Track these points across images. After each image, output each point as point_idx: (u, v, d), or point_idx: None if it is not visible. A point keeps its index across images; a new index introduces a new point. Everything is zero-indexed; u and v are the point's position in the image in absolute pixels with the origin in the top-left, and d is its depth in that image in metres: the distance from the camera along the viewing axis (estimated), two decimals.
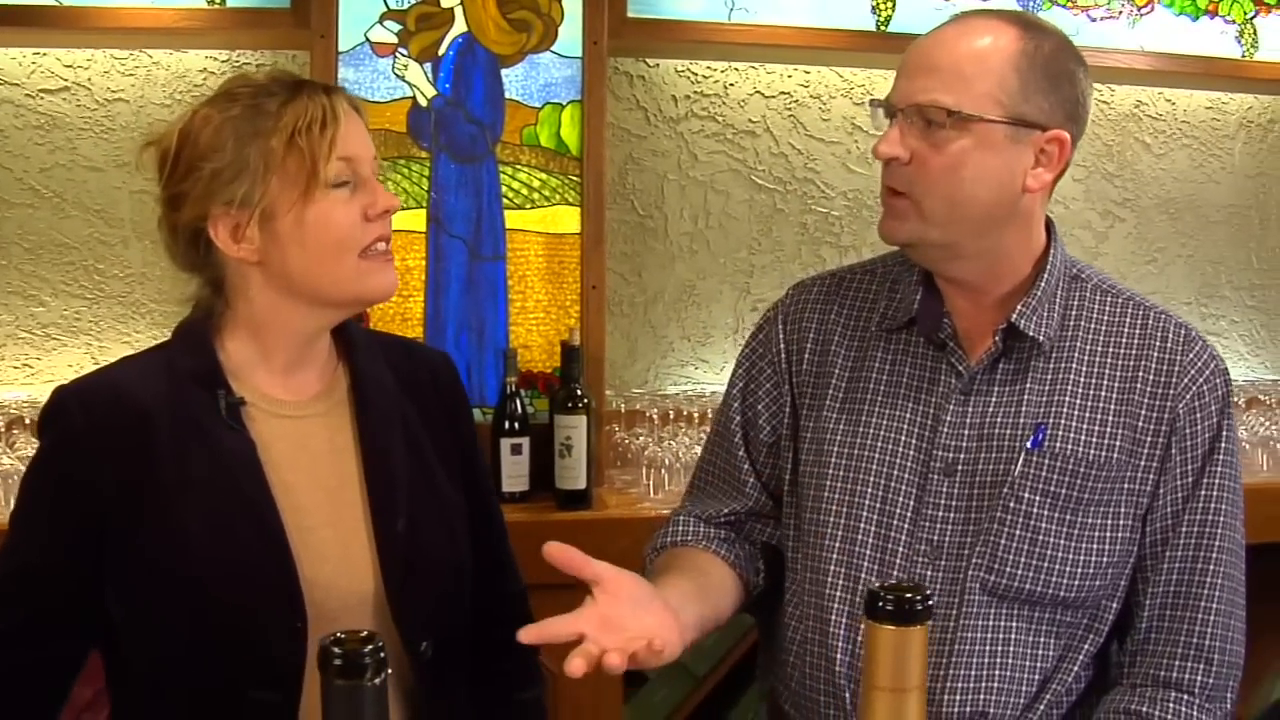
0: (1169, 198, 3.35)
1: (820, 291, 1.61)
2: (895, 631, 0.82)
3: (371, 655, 0.73)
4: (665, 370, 3.11)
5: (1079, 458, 1.42)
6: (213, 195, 1.34)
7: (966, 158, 1.37)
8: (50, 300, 2.81)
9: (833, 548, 1.48)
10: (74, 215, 2.80)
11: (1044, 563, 1.41)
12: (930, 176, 1.38)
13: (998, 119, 1.36)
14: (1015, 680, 1.43)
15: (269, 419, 1.40)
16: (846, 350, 1.55)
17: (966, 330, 1.48)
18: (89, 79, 2.78)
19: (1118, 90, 3.26)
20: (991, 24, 1.40)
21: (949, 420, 1.46)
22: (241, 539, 1.33)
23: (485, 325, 2.66)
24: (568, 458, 2.50)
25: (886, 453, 1.48)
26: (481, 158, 2.63)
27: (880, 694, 0.82)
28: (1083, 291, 1.50)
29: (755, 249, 3.12)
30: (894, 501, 1.46)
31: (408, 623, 1.40)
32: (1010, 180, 1.40)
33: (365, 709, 0.73)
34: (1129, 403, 1.44)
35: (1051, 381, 1.45)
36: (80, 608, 1.36)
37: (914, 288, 1.51)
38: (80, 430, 1.34)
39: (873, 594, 0.83)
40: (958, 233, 1.42)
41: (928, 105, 1.37)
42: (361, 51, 2.56)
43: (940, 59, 1.38)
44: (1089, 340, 1.47)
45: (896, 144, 1.39)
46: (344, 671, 0.72)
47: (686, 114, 3.05)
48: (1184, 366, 1.45)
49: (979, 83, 1.36)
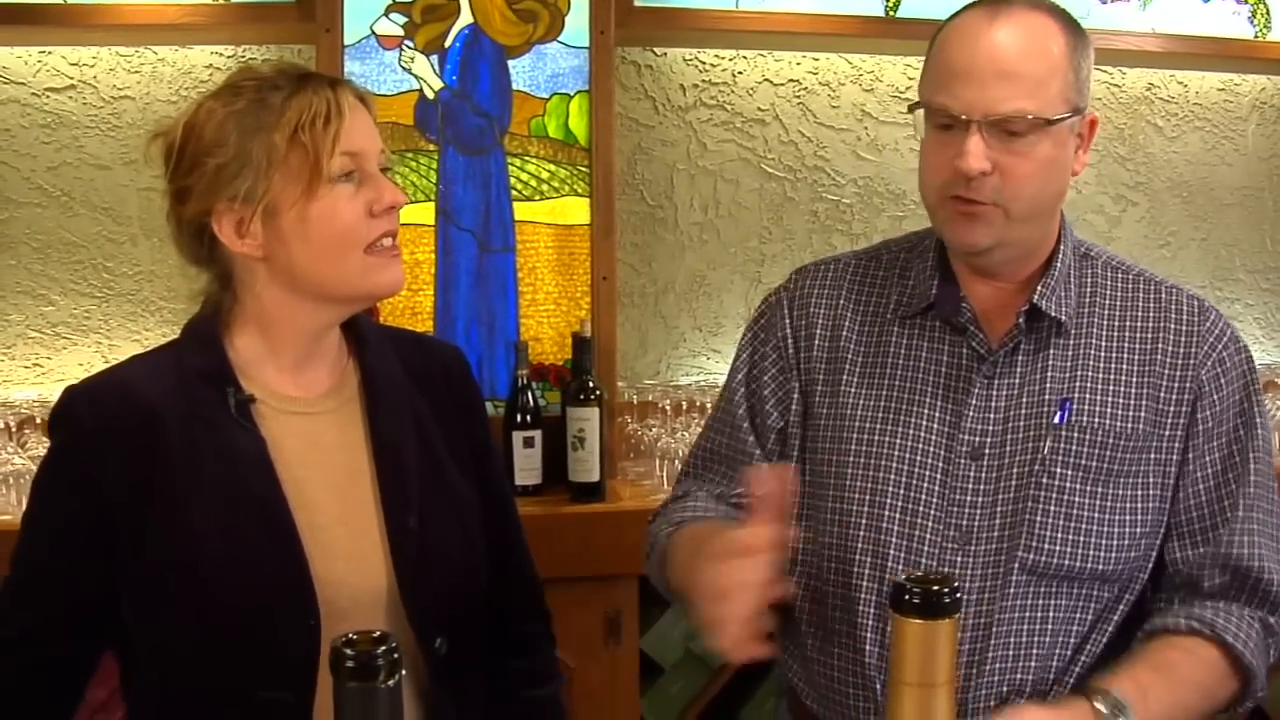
0: (1182, 181, 3.33)
1: (826, 277, 1.59)
2: (923, 625, 0.80)
3: (385, 656, 0.71)
4: (677, 361, 3.09)
5: (1106, 429, 1.43)
6: (217, 190, 1.32)
7: (1048, 159, 1.37)
8: (60, 299, 2.81)
9: (857, 536, 1.47)
10: (82, 213, 2.79)
11: (1080, 536, 1.42)
12: (1019, 183, 1.37)
13: (1067, 115, 1.37)
14: (1052, 655, 1.43)
15: (279, 416, 1.38)
16: (861, 336, 1.53)
17: (985, 313, 1.48)
18: (95, 77, 2.77)
19: (1129, 73, 3.23)
20: (1038, 19, 1.38)
21: (974, 404, 1.45)
22: (252, 537, 1.31)
23: (496, 318, 2.64)
24: (580, 450, 2.49)
25: (909, 439, 1.46)
26: (489, 149, 2.61)
27: (909, 689, 0.80)
28: (1094, 269, 1.51)
29: (766, 238, 3.11)
30: (919, 488, 1.45)
31: (421, 619, 1.39)
32: (1067, 168, 1.42)
33: (379, 712, 0.71)
34: (1150, 374, 1.46)
35: (1073, 358, 1.46)
36: (93, 608, 1.34)
37: (929, 273, 1.50)
38: (89, 429, 1.33)
39: (899, 586, 0.81)
40: (1032, 229, 1.44)
41: (1014, 115, 1.34)
42: (367, 44, 2.55)
43: (1014, 66, 1.35)
44: (1106, 316, 1.48)
45: (984, 157, 1.35)
46: (358, 673, 0.70)
47: (695, 103, 3.03)
48: (1202, 335, 1.47)
49: (1053, 85, 1.36)
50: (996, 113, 1.35)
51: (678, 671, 2.61)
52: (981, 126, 1.35)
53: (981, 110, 1.35)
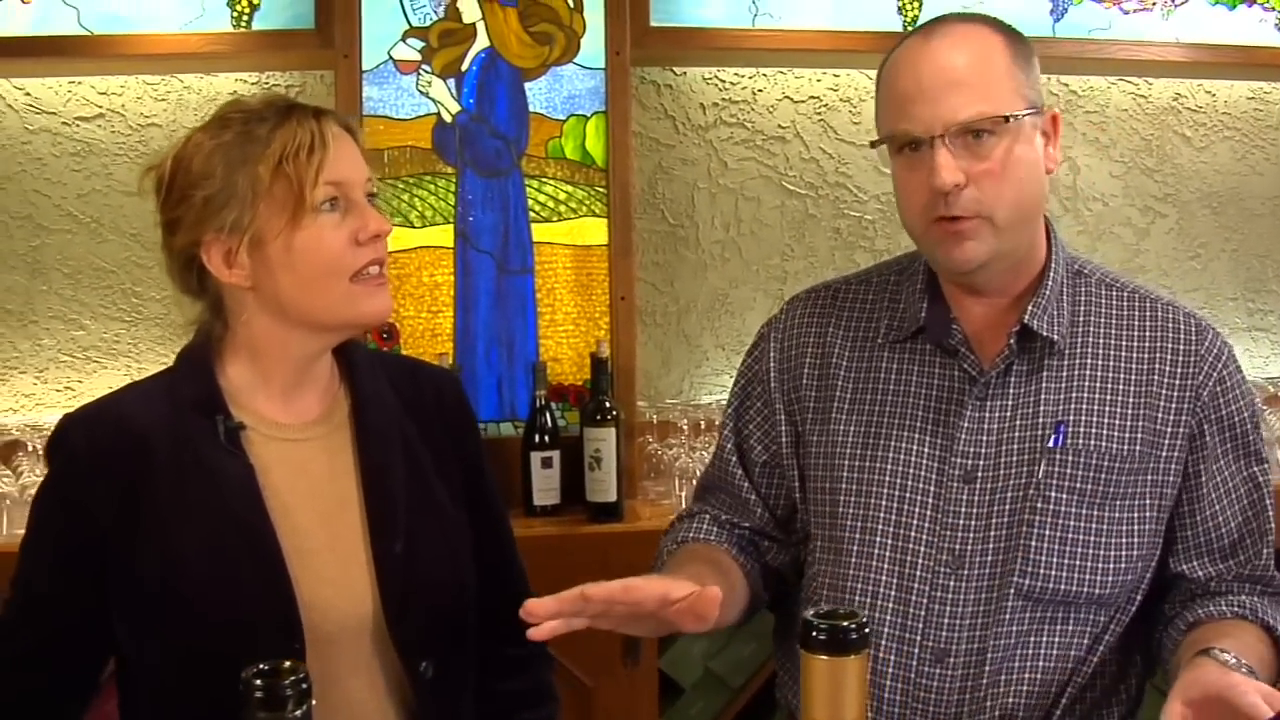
0: (1211, 191, 3.28)
1: (816, 305, 1.59)
2: (830, 661, 0.79)
3: (293, 687, 0.72)
4: (700, 380, 3.09)
5: (1102, 452, 1.42)
6: (205, 222, 1.35)
7: (1015, 157, 1.37)
8: (90, 324, 2.86)
9: (849, 563, 1.46)
10: (111, 239, 2.84)
11: (1076, 561, 1.41)
12: (994, 187, 1.37)
13: (1026, 111, 1.38)
14: (1047, 680, 1.42)
15: (268, 442, 1.40)
16: (850, 362, 1.53)
17: (977, 334, 1.47)
18: (123, 105, 2.82)
19: (1155, 84, 3.20)
20: (973, 29, 1.41)
21: (966, 426, 1.44)
22: (238, 562, 1.33)
23: (515, 339, 2.66)
24: (597, 470, 2.50)
25: (900, 464, 1.45)
26: (507, 171, 2.63)
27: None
28: (1086, 286, 1.49)
29: (788, 255, 3.10)
30: (910, 512, 1.44)
31: (407, 643, 1.40)
32: (1040, 166, 1.42)
33: None
34: (1148, 395, 1.44)
35: (1067, 379, 1.44)
36: (88, 629, 1.37)
37: (919, 295, 1.49)
38: (82, 455, 1.36)
39: (806, 623, 0.80)
40: (1020, 236, 1.42)
41: (974, 119, 1.35)
42: (385, 69, 2.58)
43: (961, 74, 1.36)
44: (1100, 335, 1.46)
45: (955, 169, 1.35)
46: (266, 704, 0.72)
47: (715, 121, 3.04)
48: (1201, 355, 1.46)
49: (1002, 83, 1.37)
50: (956, 121, 1.35)
51: (697, 691, 2.61)
52: (945, 140, 1.35)
53: (941, 123, 1.35)
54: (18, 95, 2.79)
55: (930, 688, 1.41)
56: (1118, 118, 3.19)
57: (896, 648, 1.43)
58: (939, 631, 1.42)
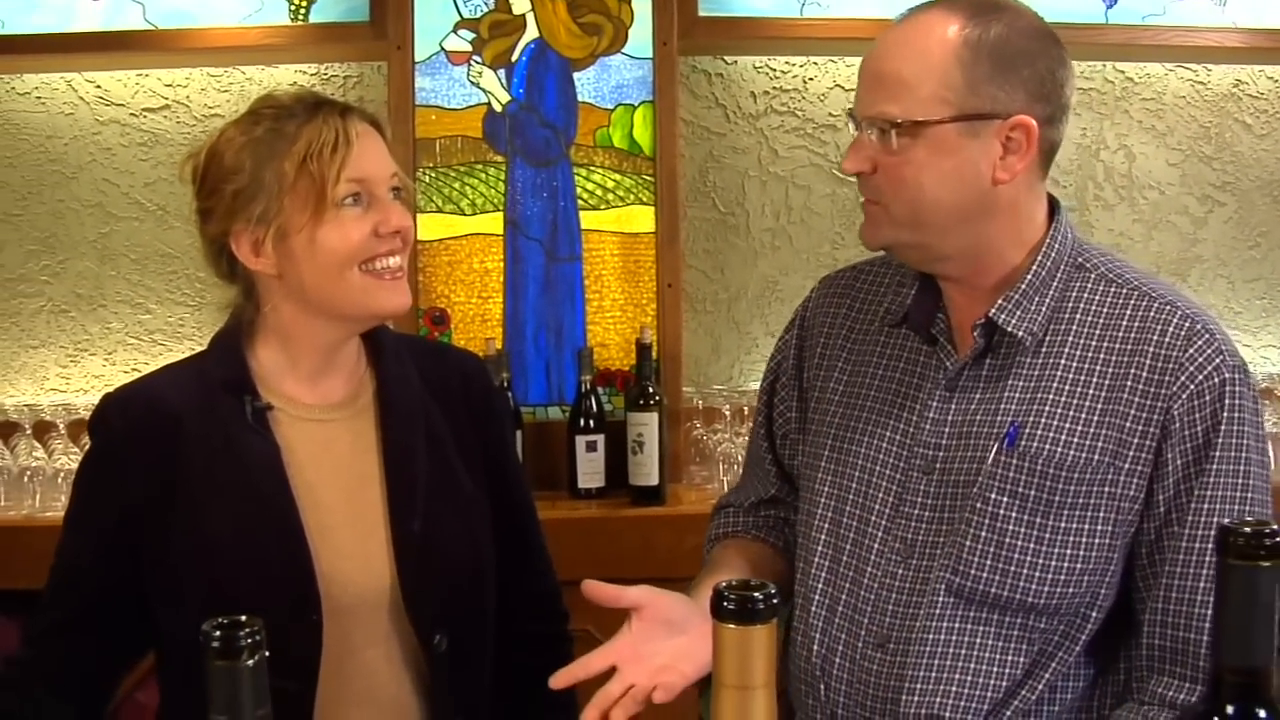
0: (1273, 179, 3.22)
1: (837, 288, 1.61)
2: (738, 630, 0.81)
3: (248, 638, 0.80)
4: (749, 366, 3.11)
5: (1057, 459, 1.35)
6: (234, 213, 1.41)
7: (922, 163, 1.33)
8: (156, 308, 2.96)
9: (819, 539, 1.49)
10: (176, 226, 2.94)
11: (1010, 566, 1.36)
12: (892, 185, 1.35)
13: (946, 119, 1.32)
14: (977, 686, 1.37)
15: (295, 423, 1.46)
16: (852, 346, 1.54)
17: (960, 324, 1.44)
18: (187, 97, 2.91)
19: (1214, 70, 3.15)
20: (933, 18, 1.35)
21: (932, 418, 1.42)
22: (262, 536, 1.40)
23: (563, 325, 2.71)
24: (640, 454, 2.54)
25: (871, 449, 1.46)
26: (556, 160, 2.68)
27: (728, 691, 0.82)
28: (1084, 281, 1.42)
29: (838, 243, 3.11)
30: (874, 497, 1.45)
31: (422, 618, 1.45)
32: (975, 176, 1.35)
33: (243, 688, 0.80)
34: (1117, 401, 1.35)
35: (1037, 379, 1.39)
36: (123, 601, 1.44)
37: (911, 281, 1.48)
38: (118, 434, 1.44)
39: (717, 593, 0.82)
40: (927, 234, 1.37)
41: (875, 118, 1.34)
42: (437, 60, 2.64)
43: (883, 68, 1.35)
44: (1082, 334, 1.39)
45: (857, 159, 1.37)
46: (222, 653, 0.79)
47: (766, 110, 3.05)
48: (1181, 364, 1.34)
49: (922, 86, 1.32)
50: (866, 115, 1.35)
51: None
52: (864, 127, 1.36)
53: (860, 112, 1.37)
54: (88, 88, 2.89)
55: (872, 670, 1.41)
56: (1175, 105, 3.15)
57: (848, 628, 1.44)
58: (883, 617, 1.41)
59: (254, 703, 0.79)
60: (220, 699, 0.79)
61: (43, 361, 2.96)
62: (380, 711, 1.46)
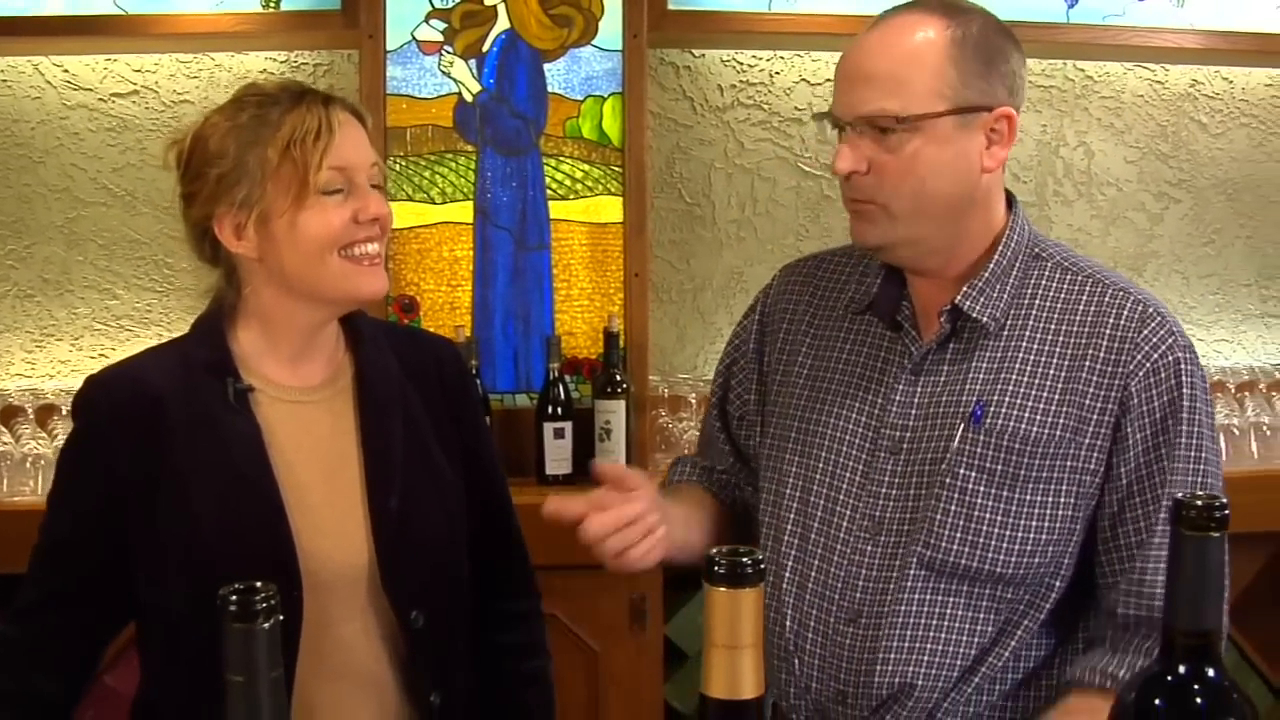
0: (1227, 178, 3.30)
1: (798, 276, 1.66)
2: (728, 593, 0.86)
3: (264, 601, 0.83)
4: (714, 356, 3.12)
5: (1021, 435, 1.42)
6: (218, 197, 1.44)
7: (922, 156, 1.39)
8: (123, 294, 2.96)
9: (788, 519, 1.54)
10: (144, 212, 2.94)
11: (979, 538, 1.42)
12: (892, 181, 1.40)
13: (944, 112, 1.39)
14: (947, 654, 1.44)
15: (275, 404, 1.50)
16: (815, 332, 1.60)
17: (924, 310, 1.51)
18: (156, 82, 2.91)
19: (1171, 70, 3.22)
20: (916, 18, 1.41)
21: (898, 400, 1.49)
22: (243, 514, 1.43)
23: (531, 313, 2.74)
24: (607, 441, 2.57)
25: (838, 430, 1.52)
26: (526, 150, 2.70)
27: (719, 651, 0.87)
28: (1041, 269, 1.49)
29: (803, 235, 3.15)
30: (842, 478, 1.51)
31: (399, 594, 1.49)
32: (967, 167, 1.42)
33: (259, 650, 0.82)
34: (1076, 380, 1.42)
35: (999, 360, 1.46)
36: (108, 577, 1.47)
37: (876, 270, 1.54)
38: (103, 416, 1.47)
39: (709, 559, 0.87)
40: (926, 228, 1.43)
41: (875, 115, 1.39)
42: (409, 50, 2.65)
43: (875, 66, 1.40)
44: (1041, 319, 1.46)
45: (851, 159, 1.40)
46: (239, 617, 0.83)
47: (733, 103, 3.09)
48: (1137, 344, 1.42)
49: (918, 82, 1.38)
50: (860, 113, 1.39)
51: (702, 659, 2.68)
52: (854, 128, 1.40)
53: (850, 112, 1.41)
54: (56, 73, 2.89)
55: (844, 645, 1.47)
56: (1133, 103, 3.22)
57: (819, 604, 1.49)
58: (853, 593, 1.47)
59: (269, 665, 0.83)
60: (237, 661, 0.83)
61: (8, 347, 2.95)
62: (357, 686, 1.49)
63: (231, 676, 0.82)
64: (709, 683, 0.88)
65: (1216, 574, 0.93)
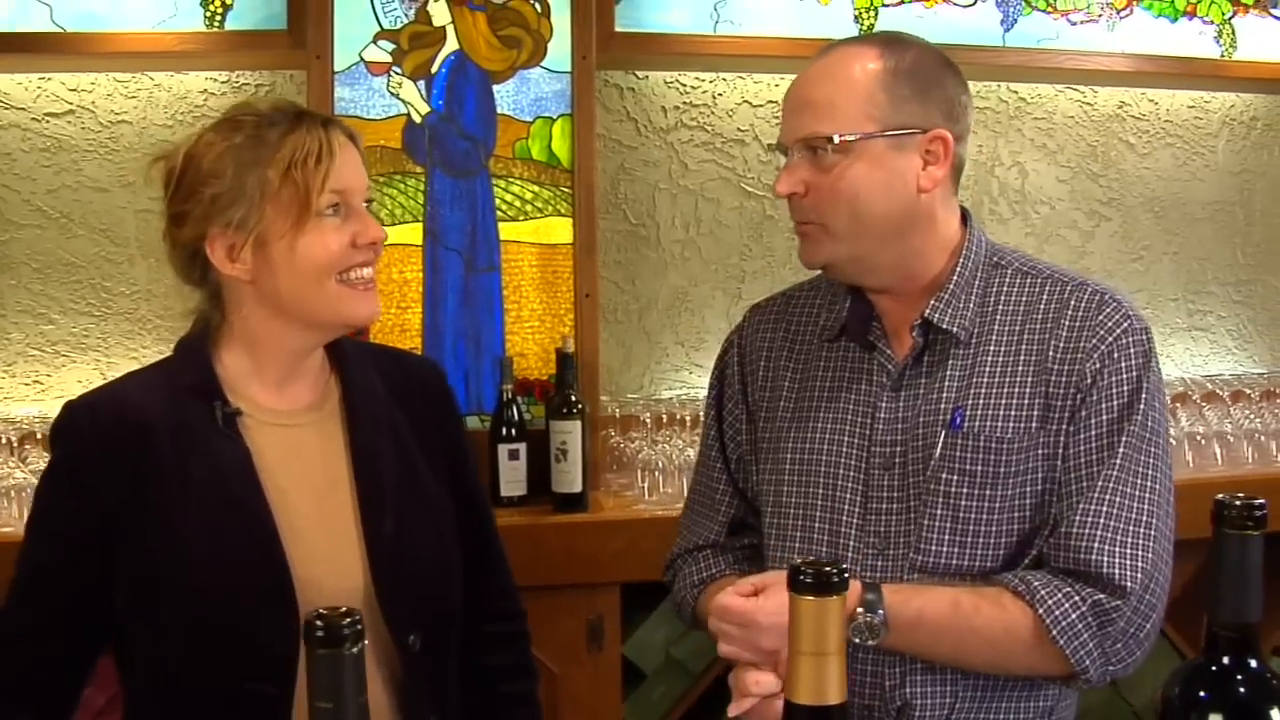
0: (1154, 196, 3.41)
1: (770, 314, 1.72)
2: (815, 602, 0.90)
3: (350, 627, 0.83)
4: (660, 375, 3.17)
5: (998, 435, 1.48)
6: (211, 217, 1.42)
7: (856, 176, 1.46)
8: (59, 318, 2.89)
9: (792, 548, 1.57)
10: (80, 235, 2.87)
11: (966, 538, 1.49)
12: (828, 200, 1.48)
13: (873, 133, 1.46)
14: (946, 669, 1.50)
15: (263, 428, 1.47)
16: (794, 364, 1.64)
17: (895, 328, 1.57)
18: (93, 102, 2.85)
19: (1100, 92, 3.32)
20: (853, 50, 1.51)
21: (882, 416, 1.54)
22: (237, 541, 1.41)
23: (482, 335, 2.73)
24: (564, 462, 2.57)
25: (832, 454, 1.56)
26: (475, 172, 2.70)
27: (804, 658, 0.91)
28: (1002, 276, 1.56)
29: (746, 254, 3.19)
30: (841, 499, 1.55)
31: (396, 618, 1.47)
32: (902, 186, 1.49)
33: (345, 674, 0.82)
34: (1043, 370, 1.49)
35: (971, 367, 1.52)
36: (90, 608, 1.44)
37: (843, 295, 1.60)
38: (87, 441, 1.43)
39: (794, 569, 0.91)
40: (867, 245, 1.50)
41: (810, 138, 1.47)
42: (357, 71, 2.63)
43: (812, 94, 1.49)
44: (1006, 323, 1.53)
45: (790, 181, 1.49)
46: (325, 642, 0.82)
47: (676, 124, 3.12)
48: (1093, 327, 1.49)
49: (850, 107, 1.46)
50: (798, 137, 1.47)
51: (659, 677, 2.69)
52: (793, 152, 1.48)
53: (790, 137, 1.49)
54: None
55: (858, 657, 1.50)
56: (1065, 124, 3.31)
57: None
58: None
59: (355, 690, 0.83)
60: (324, 686, 0.83)
61: None
62: None
63: (319, 703, 0.82)
64: (795, 690, 0.91)
65: (1255, 570, 0.99)
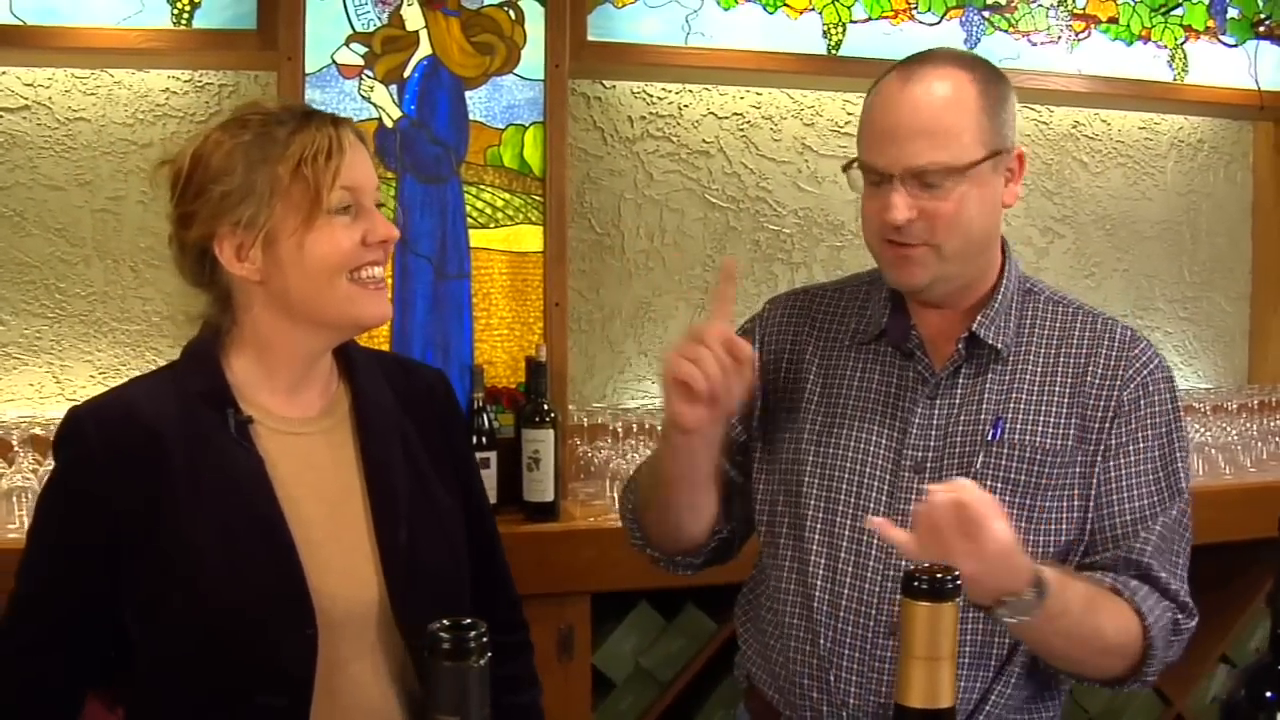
0: (1105, 214, 3.49)
1: (795, 306, 1.75)
2: (930, 607, 0.92)
3: (476, 640, 0.82)
4: (623, 385, 3.17)
5: (1035, 446, 1.54)
6: (220, 216, 1.40)
7: (971, 199, 1.50)
8: (11, 319, 2.81)
9: (813, 540, 1.60)
10: (35, 234, 2.80)
11: None
12: (945, 224, 1.50)
13: (984, 157, 1.50)
14: (982, 655, 1.54)
15: (275, 436, 1.45)
16: (820, 362, 1.67)
17: (932, 339, 1.61)
18: (50, 98, 2.78)
19: (1056, 111, 3.39)
20: (946, 72, 1.51)
21: (918, 422, 1.58)
22: (252, 552, 1.38)
23: (451, 342, 2.70)
24: (536, 471, 2.56)
25: (860, 453, 1.60)
26: (446, 178, 2.68)
27: (917, 662, 0.93)
28: (1036, 303, 1.63)
29: (710, 266, 3.20)
30: (868, 499, 1.58)
31: (412, 628, 1.45)
32: (995, 204, 1.56)
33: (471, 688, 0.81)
34: (1080, 393, 1.56)
35: (1009, 382, 1.57)
36: (96, 620, 1.40)
37: (883, 303, 1.64)
38: (96, 448, 1.39)
39: (909, 575, 0.93)
40: (964, 265, 1.56)
41: (928, 167, 1.47)
42: (328, 73, 2.60)
43: (924, 122, 1.49)
44: (1042, 345, 1.59)
45: (905, 208, 1.49)
46: (451, 654, 0.81)
47: (642, 134, 3.12)
48: (1130, 359, 1.57)
49: (966, 135, 1.49)
50: (914, 166, 1.48)
51: (628, 686, 2.69)
52: (903, 179, 1.49)
53: (901, 166, 1.49)
54: None
55: (884, 659, 1.54)
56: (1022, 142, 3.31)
57: (855, 620, 1.56)
58: (891, 607, 1.54)
59: (480, 703, 0.81)
60: (448, 699, 0.81)
61: None
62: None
63: (442, 717, 0.80)
64: (907, 693, 0.93)
65: None
